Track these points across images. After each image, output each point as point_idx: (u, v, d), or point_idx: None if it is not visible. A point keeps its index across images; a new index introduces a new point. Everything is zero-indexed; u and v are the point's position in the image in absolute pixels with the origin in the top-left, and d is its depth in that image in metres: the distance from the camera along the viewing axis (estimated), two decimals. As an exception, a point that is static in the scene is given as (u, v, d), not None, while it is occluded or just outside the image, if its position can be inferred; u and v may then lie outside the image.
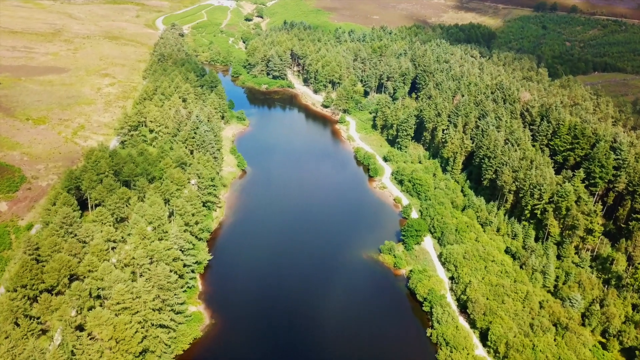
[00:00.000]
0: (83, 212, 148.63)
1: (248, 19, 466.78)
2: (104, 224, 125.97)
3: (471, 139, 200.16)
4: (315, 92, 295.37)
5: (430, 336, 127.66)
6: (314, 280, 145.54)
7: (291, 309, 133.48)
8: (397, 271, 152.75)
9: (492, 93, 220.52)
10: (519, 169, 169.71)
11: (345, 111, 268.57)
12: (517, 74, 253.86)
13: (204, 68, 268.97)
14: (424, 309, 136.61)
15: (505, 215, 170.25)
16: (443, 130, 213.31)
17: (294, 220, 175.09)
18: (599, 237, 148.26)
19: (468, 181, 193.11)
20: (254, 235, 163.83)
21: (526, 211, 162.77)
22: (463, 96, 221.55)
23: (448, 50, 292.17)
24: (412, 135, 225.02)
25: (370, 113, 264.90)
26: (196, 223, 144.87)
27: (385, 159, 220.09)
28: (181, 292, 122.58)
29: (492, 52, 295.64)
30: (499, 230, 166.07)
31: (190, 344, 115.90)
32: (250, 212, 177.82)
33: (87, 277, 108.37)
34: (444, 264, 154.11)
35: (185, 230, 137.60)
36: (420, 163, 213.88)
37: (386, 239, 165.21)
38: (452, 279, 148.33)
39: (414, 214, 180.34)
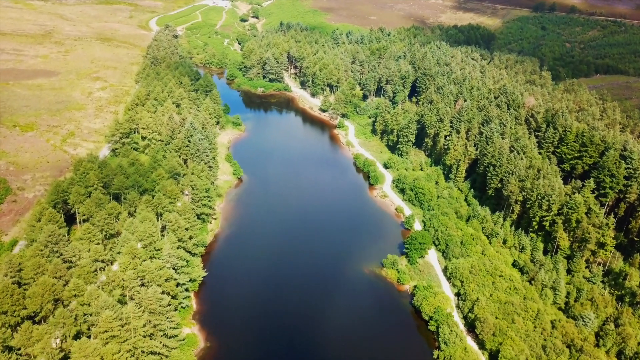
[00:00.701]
0: (71, 226, 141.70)
1: (243, 20, 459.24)
2: (92, 242, 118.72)
3: (475, 145, 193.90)
4: (313, 95, 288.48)
5: (437, 358, 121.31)
6: (314, 296, 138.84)
7: (290, 327, 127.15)
8: (400, 287, 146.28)
9: (495, 98, 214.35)
10: (525, 179, 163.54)
11: (343, 115, 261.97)
12: (520, 77, 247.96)
13: (198, 71, 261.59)
14: (429, 328, 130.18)
15: (511, 226, 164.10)
16: (445, 136, 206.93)
17: (292, 231, 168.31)
18: (610, 251, 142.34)
19: (472, 190, 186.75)
20: (250, 248, 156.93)
21: (534, 223, 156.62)
22: (465, 101, 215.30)
23: (448, 53, 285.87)
24: (413, 141, 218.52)
25: (370, 117, 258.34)
26: (190, 238, 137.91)
27: (386, 166, 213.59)
28: (174, 313, 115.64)
29: (492, 55, 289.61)
30: (505, 243, 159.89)
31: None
32: (247, 223, 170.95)
33: (73, 302, 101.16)
34: (449, 278, 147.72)
35: (179, 247, 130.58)
36: (422, 170, 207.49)
37: (388, 252, 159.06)
38: (458, 295, 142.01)
39: (417, 225, 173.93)
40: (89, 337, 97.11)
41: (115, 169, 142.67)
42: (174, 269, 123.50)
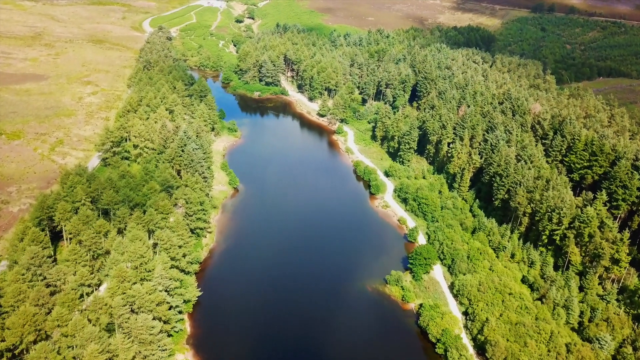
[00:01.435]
0: (58, 243, 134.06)
1: (239, 21, 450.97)
2: (78, 264, 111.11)
3: (479, 153, 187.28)
4: (311, 99, 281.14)
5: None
6: (315, 316, 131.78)
7: (290, 349, 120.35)
8: (405, 305, 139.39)
9: (499, 104, 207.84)
10: (534, 190, 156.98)
11: (342, 120, 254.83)
12: (524, 81, 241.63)
13: (192, 76, 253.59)
14: (437, 351, 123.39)
15: (519, 239, 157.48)
16: (448, 143, 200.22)
17: (291, 245, 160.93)
18: (625, 267, 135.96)
19: (477, 200, 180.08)
20: (247, 264, 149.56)
21: (543, 236, 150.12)
22: (469, 107, 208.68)
23: (449, 56, 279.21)
24: (415, 148, 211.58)
25: (369, 122, 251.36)
26: (184, 256, 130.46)
27: (387, 174, 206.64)
28: (167, 340, 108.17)
29: (494, 57, 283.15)
30: (513, 257, 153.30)
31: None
32: (243, 236, 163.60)
33: (56, 333, 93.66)
34: (456, 296, 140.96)
35: (172, 266, 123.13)
36: (424, 178, 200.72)
37: (391, 266, 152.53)
38: (466, 314, 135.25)
39: (421, 237, 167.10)
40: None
41: (104, 183, 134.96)
42: (166, 291, 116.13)
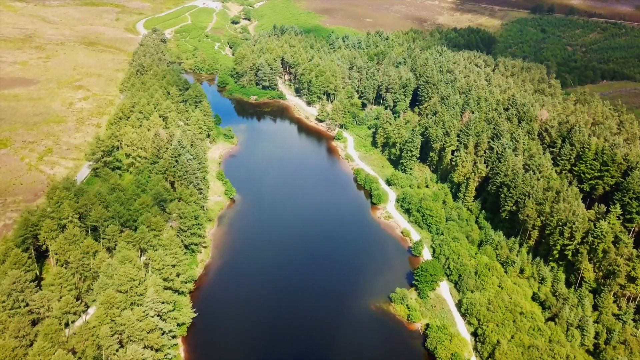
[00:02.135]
0: (44, 262, 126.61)
1: (235, 22, 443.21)
2: (64, 288, 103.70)
3: (485, 162, 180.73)
4: (309, 104, 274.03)
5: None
6: (316, 338, 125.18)
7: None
8: (411, 325, 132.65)
9: (505, 110, 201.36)
10: (543, 202, 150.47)
11: (342, 126, 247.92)
12: (528, 85, 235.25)
13: (187, 80, 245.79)
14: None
15: (528, 253, 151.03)
16: (452, 151, 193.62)
17: (290, 260, 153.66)
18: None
19: (483, 210, 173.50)
20: (244, 281, 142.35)
21: (554, 251, 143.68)
22: (473, 113, 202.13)
23: (450, 59, 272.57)
24: (418, 155, 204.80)
25: (369, 128, 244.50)
26: (178, 275, 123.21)
27: (389, 183, 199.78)
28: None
29: (496, 61, 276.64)
30: (522, 272, 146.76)
31: None
32: (240, 251, 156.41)
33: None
34: (464, 315, 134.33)
35: (165, 288, 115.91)
36: (428, 187, 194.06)
37: (395, 282, 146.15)
38: (475, 334, 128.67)
39: (426, 251, 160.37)
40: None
41: (93, 198, 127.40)
42: (158, 315, 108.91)
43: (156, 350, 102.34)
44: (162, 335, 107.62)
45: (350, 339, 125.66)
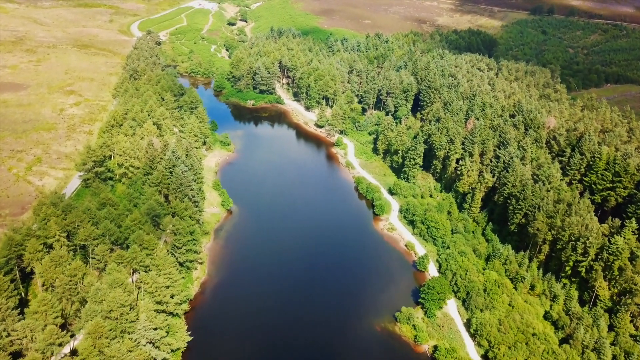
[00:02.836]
0: (30, 282, 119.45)
1: (231, 23, 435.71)
2: (49, 315, 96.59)
3: (491, 171, 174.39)
4: (307, 108, 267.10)
5: None
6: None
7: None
8: (418, 347, 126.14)
9: (511, 117, 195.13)
10: (554, 215, 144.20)
11: (341, 132, 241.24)
12: (533, 91, 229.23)
13: (182, 85, 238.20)
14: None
15: (538, 269, 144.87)
16: (457, 160, 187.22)
17: (290, 276, 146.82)
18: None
19: (490, 222, 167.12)
20: (242, 299, 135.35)
21: (567, 267, 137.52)
22: (477, 119, 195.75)
23: (452, 62, 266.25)
24: (421, 164, 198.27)
25: (370, 134, 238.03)
26: (172, 296, 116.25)
27: (391, 192, 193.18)
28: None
29: (499, 64, 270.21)
30: (533, 289, 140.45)
31: None
32: (238, 266, 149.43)
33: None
34: (474, 336, 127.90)
35: (158, 311, 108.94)
36: (431, 197, 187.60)
37: (400, 299, 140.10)
38: (485, 357, 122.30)
39: (432, 266, 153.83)
40: None
41: (81, 215, 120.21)
42: (151, 342, 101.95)
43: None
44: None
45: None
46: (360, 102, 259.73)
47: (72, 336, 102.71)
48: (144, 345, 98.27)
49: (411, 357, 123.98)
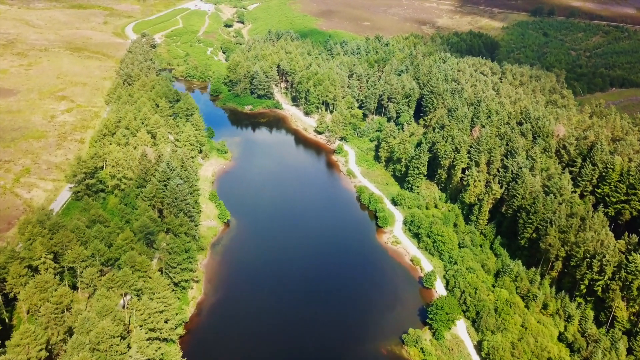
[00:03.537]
0: (14, 307, 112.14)
1: (228, 25, 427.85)
2: (32, 349, 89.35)
3: (499, 182, 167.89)
4: (307, 114, 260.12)
5: None
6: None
7: None
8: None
9: (518, 124, 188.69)
10: (567, 230, 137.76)
11: (342, 138, 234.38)
12: (539, 96, 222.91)
13: (177, 91, 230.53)
14: None
15: (551, 286, 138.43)
16: (463, 169, 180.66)
17: (290, 295, 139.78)
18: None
19: (498, 236, 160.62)
20: (240, 320, 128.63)
21: (582, 286, 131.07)
22: (483, 127, 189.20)
23: (455, 66, 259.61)
24: (425, 173, 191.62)
25: (371, 141, 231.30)
26: (166, 321, 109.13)
27: (395, 202, 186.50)
28: None
29: (503, 68, 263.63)
30: (546, 308, 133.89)
31: None
32: (236, 284, 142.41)
33: None
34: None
35: (151, 339, 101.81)
36: (436, 207, 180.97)
37: (406, 318, 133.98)
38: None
39: (439, 283, 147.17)
40: None
41: (70, 234, 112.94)
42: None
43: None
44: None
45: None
46: (360, 108, 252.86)
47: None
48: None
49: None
